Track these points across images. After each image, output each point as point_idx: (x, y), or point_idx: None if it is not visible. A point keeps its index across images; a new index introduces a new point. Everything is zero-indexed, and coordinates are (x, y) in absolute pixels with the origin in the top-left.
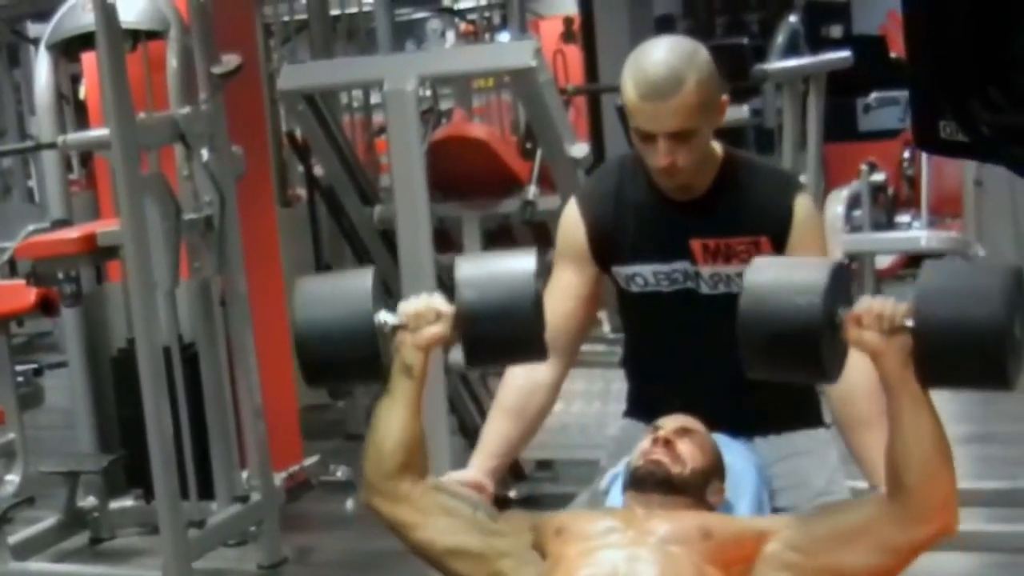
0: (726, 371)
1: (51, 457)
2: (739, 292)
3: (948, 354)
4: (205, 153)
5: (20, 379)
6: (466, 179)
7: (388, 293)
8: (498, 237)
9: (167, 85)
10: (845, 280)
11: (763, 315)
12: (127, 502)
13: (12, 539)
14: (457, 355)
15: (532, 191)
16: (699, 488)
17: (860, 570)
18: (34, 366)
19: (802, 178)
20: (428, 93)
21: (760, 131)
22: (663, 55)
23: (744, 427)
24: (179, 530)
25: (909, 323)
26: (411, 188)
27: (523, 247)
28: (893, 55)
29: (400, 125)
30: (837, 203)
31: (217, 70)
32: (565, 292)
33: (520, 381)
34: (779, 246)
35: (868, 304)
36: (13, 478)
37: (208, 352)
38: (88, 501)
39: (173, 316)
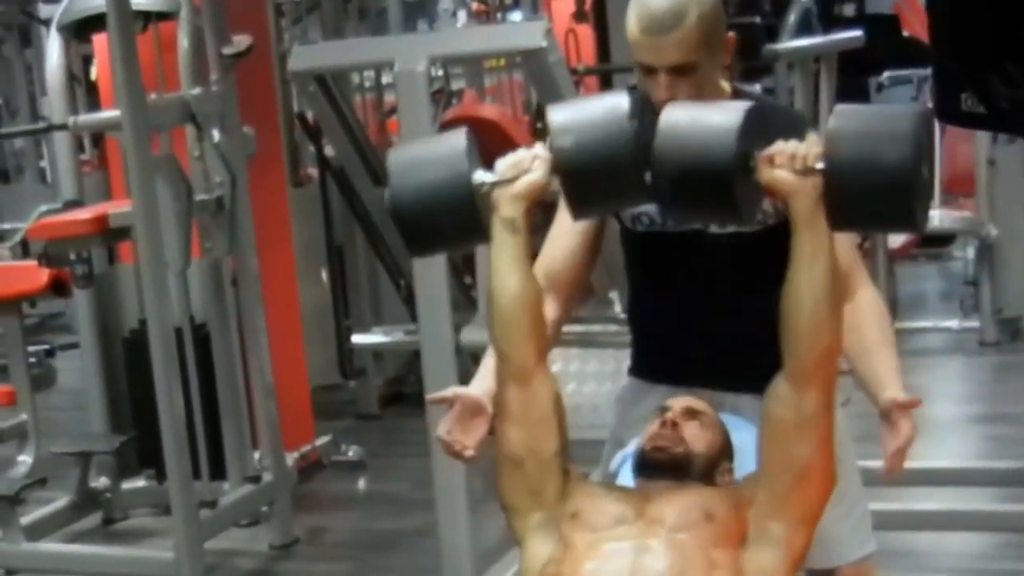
0: (733, 321)
1: (63, 438)
2: (749, 232)
3: (857, 195)
4: (216, 134)
5: (32, 360)
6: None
7: (400, 273)
8: None
9: (178, 66)
10: (760, 123)
11: (677, 154)
12: (139, 483)
13: (25, 520)
14: (469, 335)
15: None
16: (707, 471)
17: (806, 466)
18: (46, 347)
19: None
20: (440, 73)
21: None
22: None
23: (753, 381)
24: (191, 510)
25: (821, 165)
26: None
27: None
28: (906, 34)
29: (411, 106)
30: None
31: (228, 51)
32: (569, 231)
33: None
34: None
35: (781, 145)
36: (25, 459)
37: (220, 332)
38: (100, 482)
39: (185, 296)
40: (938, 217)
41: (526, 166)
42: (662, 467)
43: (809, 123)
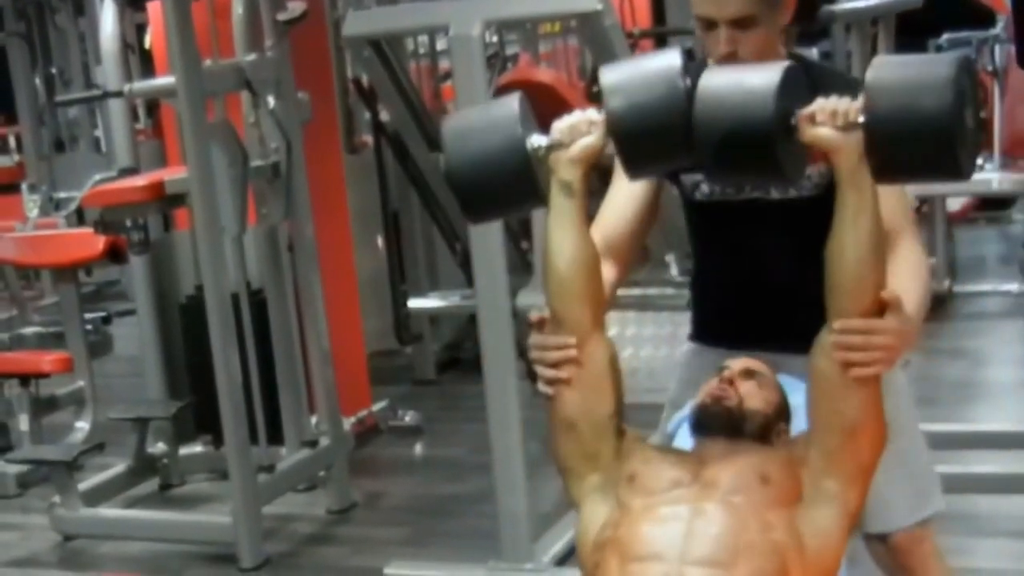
0: (790, 283)
1: (120, 404)
2: (805, 196)
3: (899, 145)
4: (271, 100)
5: (89, 327)
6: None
7: (456, 237)
8: None
9: (232, 32)
10: (799, 82)
11: (716, 118)
12: (196, 448)
13: (83, 485)
14: (526, 298)
15: None
16: (763, 430)
17: (855, 423)
18: (103, 314)
19: None
20: (494, 39)
21: None
22: None
23: (809, 344)
24: (248, 475)
25: (862, 119)
26: None
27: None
28: None
29: (466, 70)
30: None
31: (283, 17)
32: (626, 196)
33: None
34: None
35: (821, 102)
36: (83, 425)
37: (276, 298)
38: (158, 447)
39: (241, 262)
40: (997, 180)
41: (582, 129)
42: (718, 423)
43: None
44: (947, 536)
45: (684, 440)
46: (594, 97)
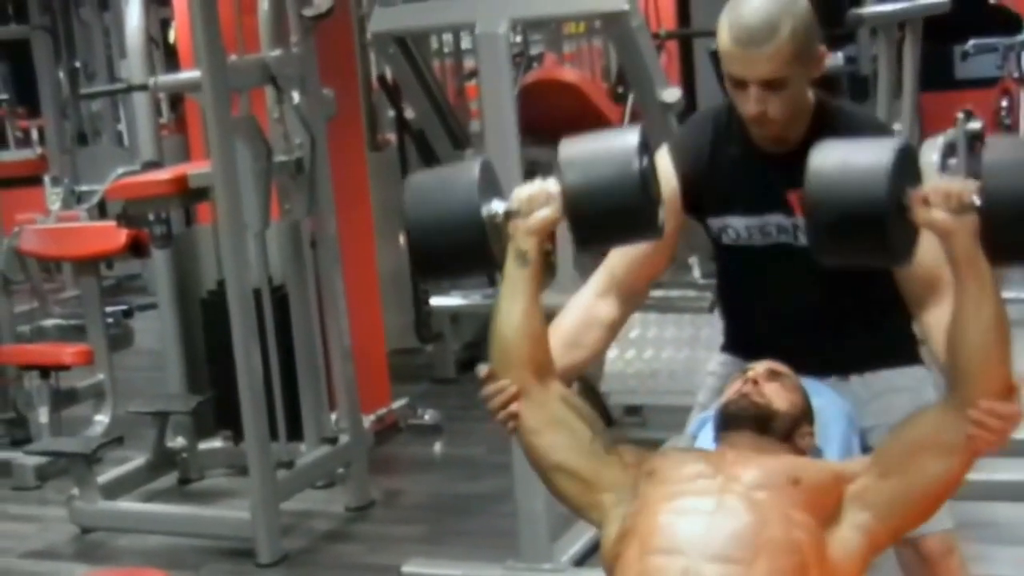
0: (819, 317)
1: (140, 398)
2: None
3: (1018, 229)
4: (296, 95)
5: (110, 321)
6: (557, 123)
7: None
8: None
9: (258, 27)
10: (911, 161)
11: (829, 198)
12: (216, 443)
13: (102, 478)
14: (547, 299)
15: None
16: (789, 430)
17: (930, 486)
18: (124, 308)
19: (896, 126)
20: (519, 39)
21: (855, 79)
22: (760, 1)
23: (839, 365)
24: (267, 471)
25: (977, 201)
26: (502, 132)
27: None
28: (992, 0)
29: (492, 69)
30: (932, 151)
31: (308, 12)
32: None
33: (578, 313)
34: None
35: (935, 184)
36: (103, 418)
37: (298, 294)
38: (177, 442)
39: (263, 258)
40: None
41: (541, 201)
42: (746, 420)
43: (892, 135)
44: (968, 544)
45: (707, 440)
46: (618, 98)
